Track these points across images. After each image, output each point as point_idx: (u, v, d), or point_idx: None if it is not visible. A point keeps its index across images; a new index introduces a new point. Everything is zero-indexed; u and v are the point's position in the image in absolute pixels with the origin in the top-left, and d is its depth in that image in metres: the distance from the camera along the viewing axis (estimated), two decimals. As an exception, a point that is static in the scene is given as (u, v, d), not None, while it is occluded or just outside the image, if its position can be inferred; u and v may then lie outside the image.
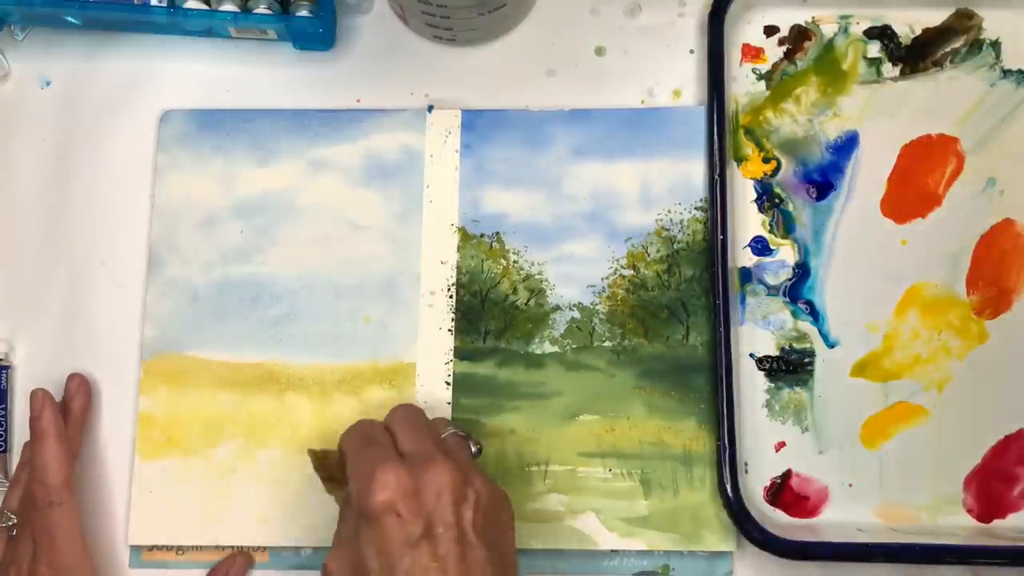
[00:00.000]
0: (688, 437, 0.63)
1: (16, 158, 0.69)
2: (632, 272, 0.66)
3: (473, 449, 0.57)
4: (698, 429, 0.63)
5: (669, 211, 0.66)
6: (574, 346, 0.65)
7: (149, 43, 0.70)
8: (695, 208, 0.66)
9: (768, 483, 0.64)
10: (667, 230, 0.66)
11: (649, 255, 0.66)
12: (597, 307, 0.66)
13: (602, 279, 0.66)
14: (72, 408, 0.65)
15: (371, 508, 0.51)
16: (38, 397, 0.62)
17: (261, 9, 0.66)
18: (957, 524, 0.63)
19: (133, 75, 0.70)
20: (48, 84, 0.70)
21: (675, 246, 0.66)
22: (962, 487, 0.63)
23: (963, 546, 0.61)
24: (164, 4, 0.66)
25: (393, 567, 0.50)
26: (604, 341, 0.65)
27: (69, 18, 0.67)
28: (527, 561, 0.63)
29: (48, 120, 0.70)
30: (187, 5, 0.66)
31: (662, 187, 0.66)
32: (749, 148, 0.67)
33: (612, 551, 0.63)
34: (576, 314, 0.66)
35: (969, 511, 0.63)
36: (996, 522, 0.63)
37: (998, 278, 0.65)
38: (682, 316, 0.65)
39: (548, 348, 0.65)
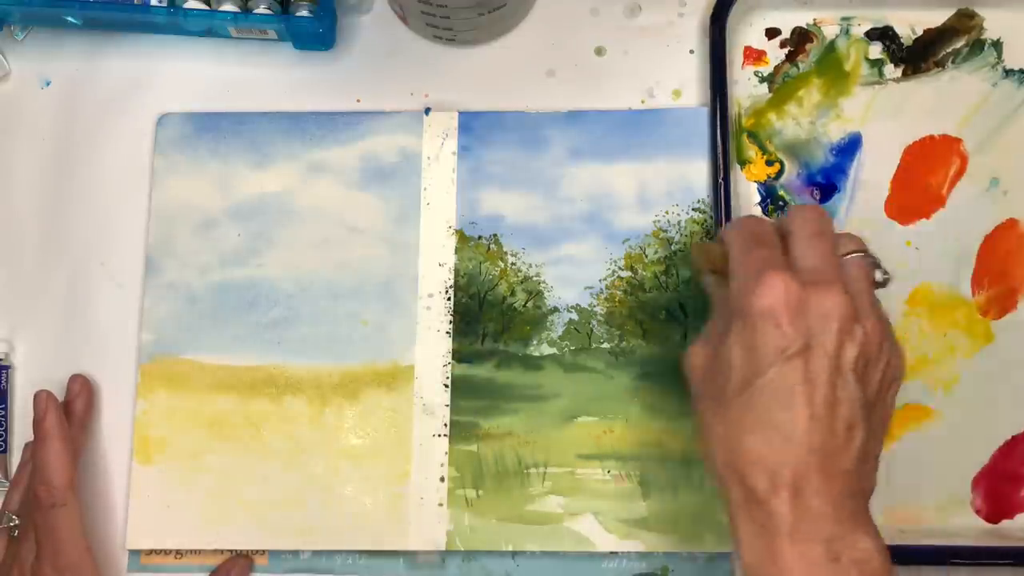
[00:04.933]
0: (687, 438, 0.63)
1: (16, 158, 0.70)
2: (630, 273, 0.65)
3: (879, 278, 0.53)
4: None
5: (667, 212, 0.66)
6: (572, 348, 0.65)
7: (149, 43, 0.70)
8: (693, 209, 0.66)
9: (775, 486, 0.63)
10: (665, 231, 0.66)
11: (647, 256, 0.66)
12: (595, 309, 0.65)
13: (600, 281, 0.66)
14: (74, 409, 0.65)
15: (751, 308, 0.49)
16: (42, 398, 0.62)
17: (261, 9, 0.66)
18: (965, 525, 0.63)
19: (133, 75, 0.70)
20: (48, 84, 0.70)
21: (673, 247, 0.66)
22: (970, 488, 0.63)
23: (972, 547, 0.60)
24: (164, 4, 0.66)
25: (759, 372, 0.48)
26: (602, 343, 0.65)
27: (69, 18, 0.67)
28: (526, 563, 0.63)
29: (48, 120, 0.70)
30: (187, 5, 0.66)
31: (659, 188, 0.66)
32: (752, 151, 0.67)
33: (611, 553, 0.63)
34: (574, 316, 0.65)
35: (977, 512, 0.63)
36: (1004, 522, 0.63)
37: (1003, 278, 0.65)
38: (680, 317, 0.65)
39: (546, 350, 0.65)
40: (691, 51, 0.69)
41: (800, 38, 0.68)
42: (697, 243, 0.58)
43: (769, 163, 0.67)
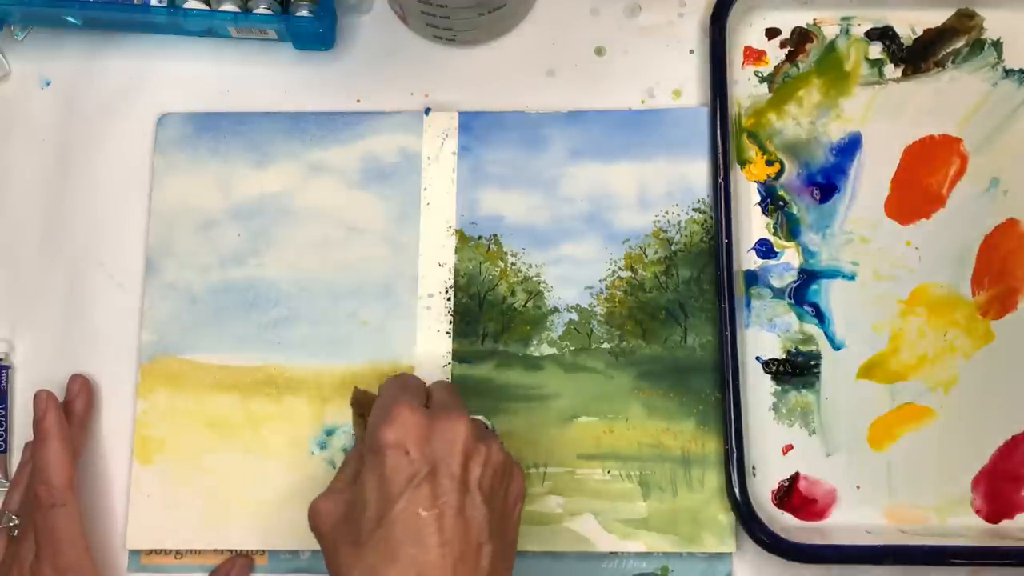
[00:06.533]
0: (687, 438, 0.63)
1: (16, 158, 0.70)
2: (630, 274, 0.65)
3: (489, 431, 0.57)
4: (697, 430, 0.63)
5: (667, 212, 0.66)
6: (572, 348, 0.65)
7: (149, 43, 0.70)
8: (693, 209, 0.66)
9: (776, 486, 0.64)
10: (664, 231, 0.66)
11: (647, 257, 0.66)
12: (595, 309, 0.65)
13: (600, 281, 0.66)
14: (74, 409, 0.65)
15: (381, 440, 0.51)
16: (42, 398, 0.62)
17: (261, 9, 0.66)
18: (965, 525, 0.63)
19: (133, 75, 0.70)
20: (48, 84, 0.70)
21: (673, 247, 0.66)
22: (970, 488, 0.63)
23: (972, 547, 0.60)
24: (164, 4, 0.66)
25: (390, 504, 0.50)
26: (602, 343, 0.65)
27: (69, 18, 0.67)
28: (526, 563, 0.62)
29: (48, 120, 0.70)
30: (187, 5, 0.66)
31: (659, 188, 0.66)
32: (752, 151, 0.67)
33: (611, 553, 0.63)
34: (574, 316, 0.65)
35: (977, 512, 0.63)
36: (1004, 522, 0.63)
37: (1003, 278, 0.65)
38: (680, 318, 0.65)
39: (546, 350, 0.65)
40: (691, 51, 0.69)
41: (800, 38, 0.68)
42: (356, 387, 0.60)
43: (769, 163, 0.67)
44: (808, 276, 0.66)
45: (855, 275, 0.65)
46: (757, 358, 0.65)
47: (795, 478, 0.63)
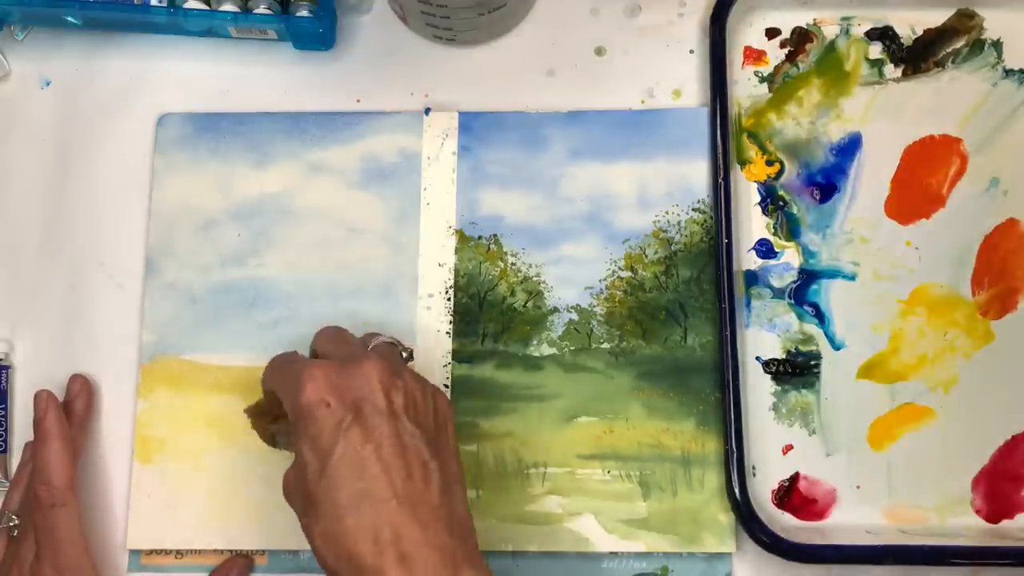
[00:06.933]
0: (687, 438, 0.63)
1: (16, 158, 0.70)
2: (630, 274, 0.65)
3: (404, 355, 0.57)
4: (697, 430, 0.63)
5: (667, 212, 0.66)
6: (572, 348, 0.65)
7: (149, 43, 0.70)
8: (692, 209, 0.66)
9: (776, 486, 0.64)
10: (664, 232, 0.66)
11: (647, 257, 0.66)
12: (595, 309, 0.65)
13: (600, 281, 0.66)
14: (74, 409, 0.65)
15: (301, 404, 0.51)
16: (42, 398, 0.62)
17: (261, 9, 0.66)
18: (965, 525, 0.63)
19: (133, 75, 0.70)
20: (48, 84, 0.70)
21: (673, 247, 0.66)
22: (970, 488, 0.63)
23: (972, 547, 0.60)
24: (164, 4, 0.66)
25: (327, 455, 0.50)
26: (602, 343, 0.65)
27: (69, 18, 0.67)
28: (526, 563, 0.63)
29: (48, 120, 0.70)
30: (187, 5, 0.66)
31: (659, 188, 0.66)
32: (752, 151, 0.67)
33: (611, 553, 0.63)
34: (574, 316, 0.65)
35: (977, 512, 0.63)
36: (1005, 522, 0.63)
37: (1003, 278, 0.65)
38: (680, 318, 0.65)
39: (546, 350, 0.65)
40: (691, 51, 0.69)
41: (800, 38, 0.68)
42: (247, 408, 0.59)
43: (769, 163, 0.67)
44: (808, 276, 0.65)
45: (855, 275, 0.65)
46: (757, 358, 0.65)
47: (795, 478, 0.63)
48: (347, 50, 0.70)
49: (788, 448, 0.64)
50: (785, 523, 0.63)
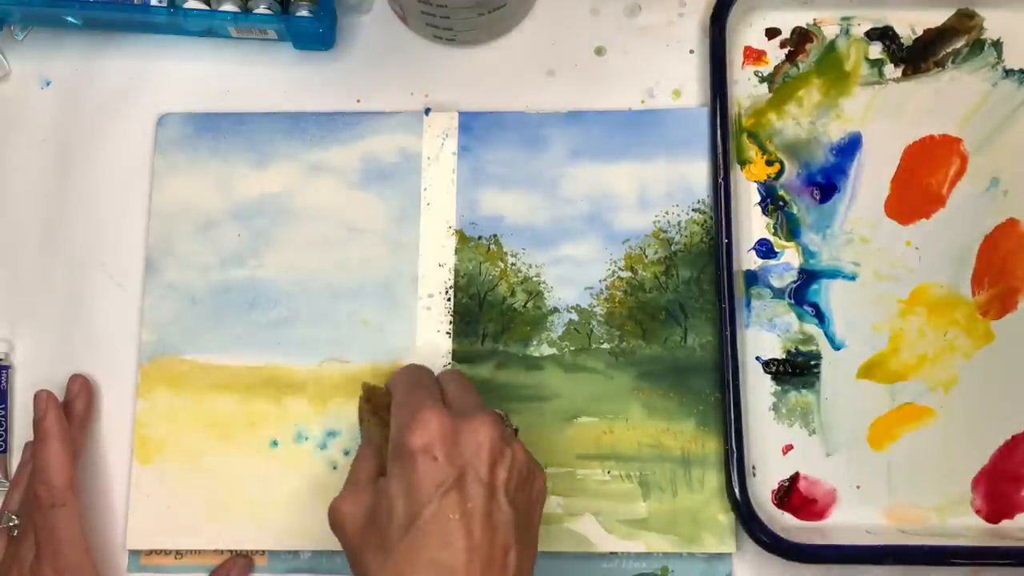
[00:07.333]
0: (687, 439, 0.63)
1: (16, 158, 0.70)
2: (630, 274, 0.65)
3: (510, 429, 0.57)
4: (697, 430, 0.63)
5: (667, 213, 0.66)
6: (572, 348, 0.65)
7: (149, 43, 0.70)
8: (693, 210, 0.66)
9: (776, 486, 0.64)
10: (664, 232, 0.66)
11: (647, 257, 0.66)
12: (595, 309, 0.65)
13: (600, 281, 0.66)
14: (74, 409, 0.65)
15: (409, 446, 0.51)
16: (42, 398, 0.62)
17: (261, 9, 0.66)
18: (965, 525, 0.63)
19: (133, 75, 0.70)
20: (48, 84, 0.70)
21: (673, 248, 0.66)
22: (970, 488, 0.63)
23: (972, 547, 0.60)
24: (164, 4, 0.66)
25: (419, 509, 0.50)
26: (602, 343, 0.65)
27: (69, 18, 0.67)
28: (525, 565, 0.63)
29: (48, 120, 0.70)
30: (187, 5, 0.66)
31: (659, 189, 0.66)
32: (752, 151, 0.67)
33: (611, 553, 0.63)
34: (574, 316, 0.65)
35: (977, 512, 0.63)
36: (1005, 522, 0.63)
37: (1003, 278, 0.65)
38: (680, 318, 0.65)
39: (546, 350, 0.65)
40: (691, 51, 0.69)
41: (800, 38, 0.68)
42: (366, 383, 0.59)
43: (769, 163, 0.67)
44: (808, 276, 0.65)
45: (855, 275, 0.65)
46: (757, 358, 0.65)
47: (795, 478, 0.63)
48: (347, 50, 0.70)
49: (788, 448, 0.64)
50: (785, 523, 0.63)
